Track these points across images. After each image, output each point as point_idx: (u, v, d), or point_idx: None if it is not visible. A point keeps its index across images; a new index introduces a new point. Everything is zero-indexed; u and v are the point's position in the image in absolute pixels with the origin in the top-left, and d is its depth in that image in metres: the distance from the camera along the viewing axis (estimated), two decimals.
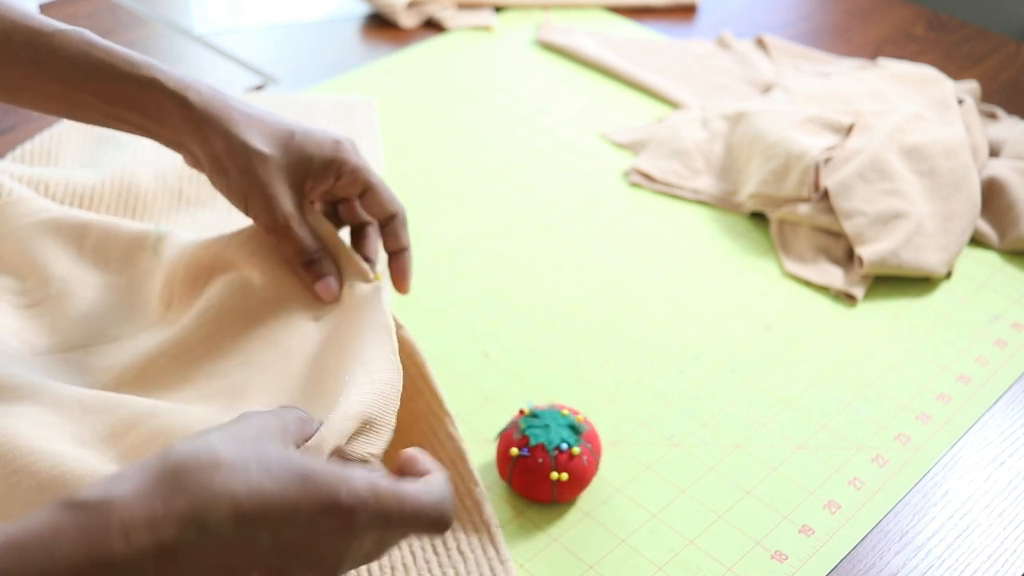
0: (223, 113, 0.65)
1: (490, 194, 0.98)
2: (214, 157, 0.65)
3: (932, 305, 0.87)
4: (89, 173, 0.91)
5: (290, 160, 0.66)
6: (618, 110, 1.11)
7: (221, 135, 0.64)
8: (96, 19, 1.21)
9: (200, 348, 0.70)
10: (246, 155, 0.65)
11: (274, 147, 0.65)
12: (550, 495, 0.67)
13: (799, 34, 1.27)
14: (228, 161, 0.65)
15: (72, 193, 0.87)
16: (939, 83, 1.06)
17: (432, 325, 0.83)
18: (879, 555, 0.67)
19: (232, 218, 0.90)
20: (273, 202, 0.66)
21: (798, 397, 0.78)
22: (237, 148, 0.64)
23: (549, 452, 0.67)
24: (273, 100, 1.07)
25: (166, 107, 0.65)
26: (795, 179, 0.92)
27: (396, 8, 1.23)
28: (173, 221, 0.90)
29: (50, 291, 0.75)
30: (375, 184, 0.69)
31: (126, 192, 0.89)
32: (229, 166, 0.65)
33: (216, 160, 0.65)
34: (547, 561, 0.66)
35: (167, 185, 0.91)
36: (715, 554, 0.66)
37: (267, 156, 0.65)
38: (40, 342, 0.72)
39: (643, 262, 0.91)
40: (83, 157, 0.96)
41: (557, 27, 1.25)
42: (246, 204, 0.66)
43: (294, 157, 0.66)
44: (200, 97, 0.65)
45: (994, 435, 0.76)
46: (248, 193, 0.66)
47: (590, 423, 0.70)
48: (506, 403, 0.76)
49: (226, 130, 0.64)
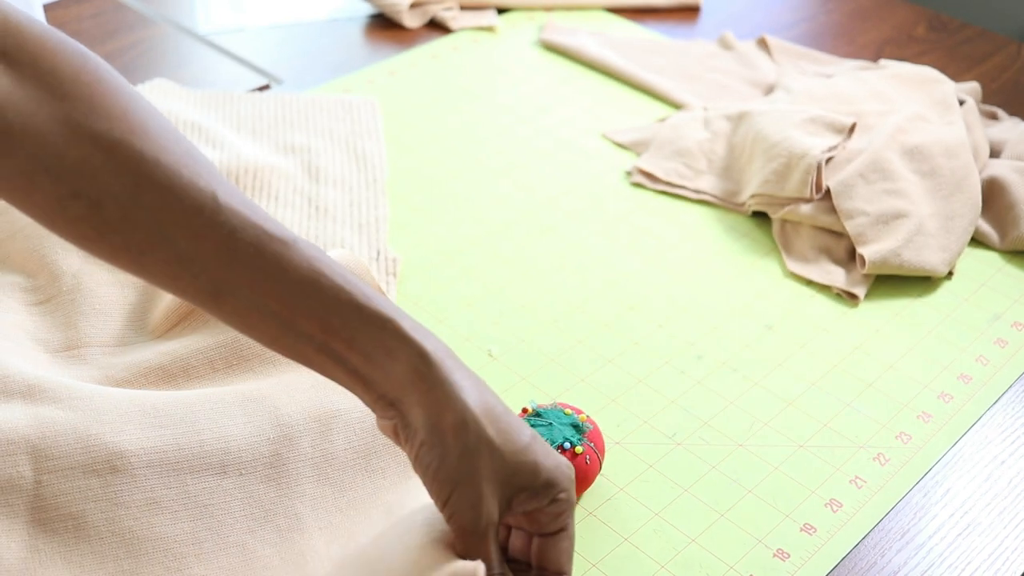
0: (463, 382, 0.55)
1: (492, 194, 0.99)
2: (438, 429, 0.53)
3: (933, 305, 0.88)
4: None
5: (519, 463, 0.54)
6: (620, 110, 1.12)
7: (458, 406, 0.54)
8: (101, 19, 1.22)
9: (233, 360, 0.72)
10: (477, 440, 0.53)
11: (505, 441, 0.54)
12: None
13: (801, 35, 1.27)
14: (453, 439, 0.53)
15: None
16: (940, 84, 1.06)
17: (434, 325, 0.83)
18: (880, 553, 0.67)
19: None
20: (483, 502, 0.54)
21: (800, 396, 0.78)
22: (471, 429, 0.53)
23: None
24: (276, 100, 1.08)
25: (397, 353, 0.54)
26: (797, 179, 0.93)
27: (399, 9, 1.24)
28: None
29: (61, 288, 0.76)
30: (570, 529, 0.58)
31: None
32: (452, 445, 0.53)
33: (439, 433, 0.53)
34: None
35: None
36: (717, 552, 0.67)
37: (497, 447, 0.54)
38: (54, 339, 0.73)
39: (645, 262, 0.91)
40: None
41: (560, 28, 1.25)
42: (451, 493, 0.54)
43: (522, 462, 0.54)
44: (438, 354, 0.55)
45: (995, 434, 0.76)
46: (459, 483, 0.54)
47: (593, 422, 0.70)
48: (509, 402, 0.76)
49: (461, 401, 0.54)
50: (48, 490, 0.61)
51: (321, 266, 0.54)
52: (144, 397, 0.67)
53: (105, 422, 0.64)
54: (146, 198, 0.53)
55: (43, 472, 0.61)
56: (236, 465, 0.65)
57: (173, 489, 0.62)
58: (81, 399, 0.65)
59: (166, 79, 1.09)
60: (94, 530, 0.60)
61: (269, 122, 1.04)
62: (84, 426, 0.63)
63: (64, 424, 0.63)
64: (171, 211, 0.53)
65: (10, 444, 0.61)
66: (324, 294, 0.54)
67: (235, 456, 0.65)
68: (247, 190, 0.94)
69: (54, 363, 0.71)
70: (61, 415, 0.63)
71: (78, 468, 0.61)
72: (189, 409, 0.66)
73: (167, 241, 0.53)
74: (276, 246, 0.54)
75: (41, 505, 0.60)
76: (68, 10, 1.22)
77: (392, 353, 0.54)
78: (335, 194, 0.95)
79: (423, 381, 0.54)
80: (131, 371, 0.71)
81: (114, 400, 0.65)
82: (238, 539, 0.62)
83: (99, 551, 0.59)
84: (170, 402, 0.66)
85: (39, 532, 0.59)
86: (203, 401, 0.67)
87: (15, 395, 0.65)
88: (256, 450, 0.65)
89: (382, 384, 0.55)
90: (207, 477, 0.64)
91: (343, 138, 1.03)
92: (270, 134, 1.03)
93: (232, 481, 0.64)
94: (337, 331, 0.54)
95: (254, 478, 0.65)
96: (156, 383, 0.70)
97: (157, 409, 0.66)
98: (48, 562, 0.58)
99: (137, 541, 0.60)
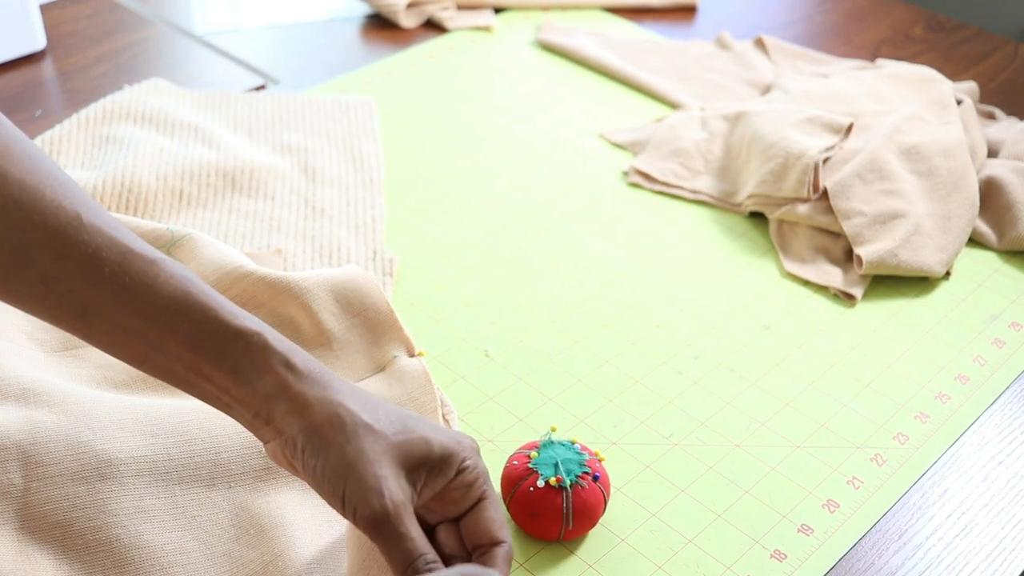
0: (330, 381, 0.56)
1: (489, 194, 0.99)
2: (314, 430, 0.54)
3: (931, 305, 0.87)
4: (90, 172, 0.91)
5: (407, 439, 0.54)
6: (617, 110, 1.12)
7: (325, 403, 0.54)
8: (97, 20, 1.21)
9: None
10: (355, 427, 0.54)
11: (386, 424, 0.55)
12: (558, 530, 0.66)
13: (798, 35, 1.27)
14: (332, 434, 0.53)
15: None
16: (937, 83, 1.06)
17: (431, 325, 0.83)
18: (878, 554, 0.67)
19: (231, 219, 0.91)
20: (382, 483, 0.53)
21: (797, 397, 0.78)
22: (347, 420, 0.54)
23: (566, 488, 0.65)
24: (273, 100, 1.07)
25: (265, 367, 0.55)
26: (794, 179, 0.93)
27: (396, 9, 1.23)
28: (174, 221, 0.90)
29: None
30: (491, 496, 0.57)
31: (127, 191, 0.89)
32: (332, 440, 0.53)
33: (316, 434, 0.54)
34: (547, 560, 0.66)
35: (168, 184, 0.91)
36: (714, 553, 0.67)
37: (378, 431, 0.54)
38: (51, 339, 0.73)
39: (642, 262, 0.91)
40: (84, 157, 0.96)
41: (557, 28, 1.25)
42: (344, 488, 0.53)
43: (411, 438, 0.55)
44: (306, 364, 0.56)
45: (992, 434, 0.76)
46: (348, 474, 0.53)
47: (600, 461, 0.68)
48: (506, 403, 0.77)
49: (331, 398, 0.54)
50: (37, 497, 0.60)
51: (188, 284, 0.55)
52: (138, 405, 0.67)
53: (97, 428, 0.63)
54: (10, 219, 0.53)
55: (32, 479, 0.61)
56: (225, 477, 0.65)
57: (162, 499, 0.62)
58: (75, 403, 0.65)
59: (163, 79, 1.09)
60: (81, 539, 0.60)
61: (266, 122, 1.04)
62: (75, 432, 0.63)
63: (56, 430, 0.63)
64: (35, 231, 0.53)
65: (2, 451, 0.61)
66: (191, 313, 0.54)
67: (224, 468, 0.65)
68: (244, 190, 0.94)
69: (51, 363, 0.71)
70: (53, 420, 0.63)
71: (67, 475, 0.61)
72: (182, 419, 0.66)
73: (32, 262, 0.53)
74: (141, 264, 0.54)
75: (30, 512, 0.60)
76: (64, 10, 1.22)
77: (260, 369, 0.54)
78: (332, 194, 0.95)
79: (291, 389, 0.54)
80: (129, 373, 0.71)
81: (108, 407, 0.65)
82: (225, 548, 0.62)
83: (87, 560, 0.59)
84: (164, 411, 0.66)
85: (28, 539, 0.59)
86: (196, 411, 0.67)
87: (9, 397, 0.65)
88: (246, 462, 0.65)
89: (253, 402, 0.55)
90: (196, 488, 0.63)
91: (340, 138, 1.03)
92: (266, 134, 1.02)
93: (220, 493, 0.64)
94: (205, 351, 0.54)
95: (243, 490, 0.64)
96: (155, 387, 0.70)
97: (150, 417, 0.66)
98: (38, 567, 0.58)
99: (124, 549, 0.60)
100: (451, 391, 0.77)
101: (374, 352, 0.73)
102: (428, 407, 0.69)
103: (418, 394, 0.70)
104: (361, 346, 0.73)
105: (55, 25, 1.19)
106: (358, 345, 0.73)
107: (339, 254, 0.88)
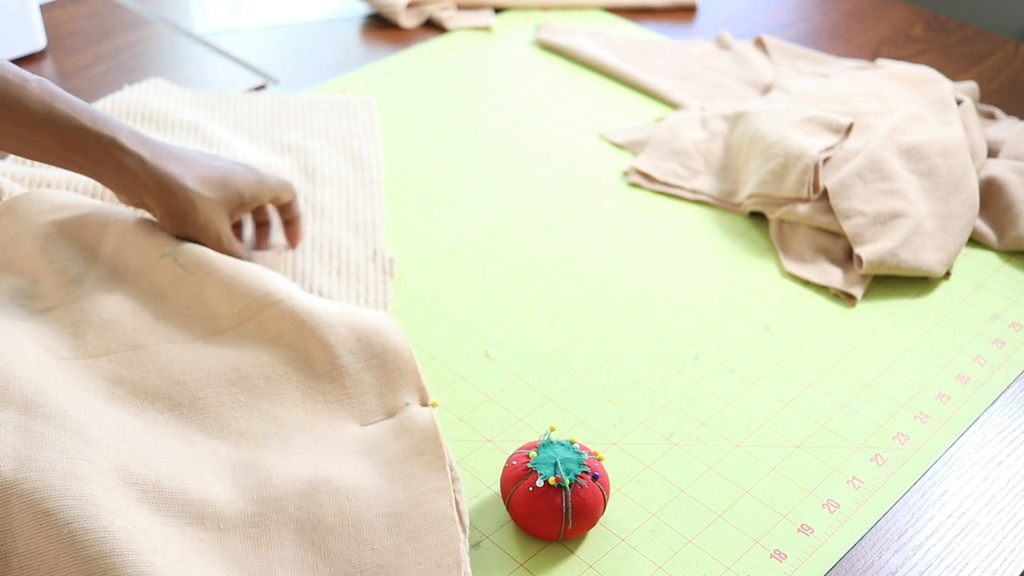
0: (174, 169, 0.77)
1: (489, 194, 0.99)
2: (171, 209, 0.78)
3: (931, 305, 0.87)
4: None
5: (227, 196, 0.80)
6: (617, 110, 1.12)
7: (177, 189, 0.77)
8: (97, 20, 1.21)
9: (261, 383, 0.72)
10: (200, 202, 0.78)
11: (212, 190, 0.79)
12: (558, 529, 0.66)
13: (798, 35, 1.27)
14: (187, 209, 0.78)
15: (73, 192, 0.87)
16: (938, 83, 1.06)
17: (432, 325, 0.83)
18: (878, 554, 0.67)
19: None
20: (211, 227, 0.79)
21: (797, 397, 0.78)
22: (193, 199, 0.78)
23: (565, 487, 0.65)
24: (273, 100, 1.07)
25: (124, 164, 0.75)
26: (794, 179, 0.93)
27: (396, 8, 1.23)
28: None
29: (68, 295, 0.75)
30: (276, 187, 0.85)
31: None
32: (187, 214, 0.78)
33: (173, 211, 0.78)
34: (547, 560, 0.66)
35: None
36: (714, 553, 0.67)
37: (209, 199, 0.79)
38: (62, 347, 0.72)
39: (642, 262, 0.91)
40: None
41: (557, 28, 1.25)
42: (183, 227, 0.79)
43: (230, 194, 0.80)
44: (153, 156, 0.76)
45: (992, 434, 0.76)
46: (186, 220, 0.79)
47: (600, 461, 0.68)
48: (506, 403, 0.77)
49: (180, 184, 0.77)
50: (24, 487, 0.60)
51: (52, 99, 0.73)
52: (135, 433, 0.66)
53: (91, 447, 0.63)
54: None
55: None
56: (215, 518, 0.63)
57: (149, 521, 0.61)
58: (76, 422, 0.64)
59: (163, 79, 1.09)
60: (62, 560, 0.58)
61: (266, 122, 1.04)
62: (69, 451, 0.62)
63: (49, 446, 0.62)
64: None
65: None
66: (57, 122, 0.73)
67: (215, 509, 0.63)
68: None
69: (60, 371, 0.70)
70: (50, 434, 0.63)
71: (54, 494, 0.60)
72: (179, 461, 0.65)
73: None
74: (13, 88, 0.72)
75: (12, 535, 0.59)
76: (65, 10, 1.22)
77: (120, 165, 0.75)
78: (332, 194, 0.95)
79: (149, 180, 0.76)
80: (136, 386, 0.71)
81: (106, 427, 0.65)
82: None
83: None
84: (162, 446, 0.66)
85: (6, 567, 0.58)
86: (195, 458, 0.66)
87: (11, 405, 0.64)
88: (238, 508, 0.64)
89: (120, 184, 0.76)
90: (183, 525, 0.62)
91: (340, 138, 1.03)
92: (266, 134, 1.02)
93: (209, 533, 0.62)
94: (73, 148, 0.74)
95: (233, 534, 0.63)
96: (161, 410, 0.70)
97: (148, 446, 0.65)
98: None
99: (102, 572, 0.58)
100: (451, 391, 0.77)
101: (387, 395, 0.72)
102: (434, 464, 0.67)
103: (424, 448, 0.68)
104: (375, 388, 0.73)
105: (55, 25, 1.19)
106: (371, 386, 0.73)
107: (339, 254, 0.88)
